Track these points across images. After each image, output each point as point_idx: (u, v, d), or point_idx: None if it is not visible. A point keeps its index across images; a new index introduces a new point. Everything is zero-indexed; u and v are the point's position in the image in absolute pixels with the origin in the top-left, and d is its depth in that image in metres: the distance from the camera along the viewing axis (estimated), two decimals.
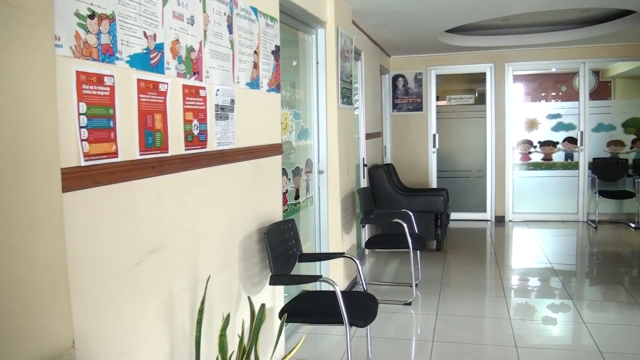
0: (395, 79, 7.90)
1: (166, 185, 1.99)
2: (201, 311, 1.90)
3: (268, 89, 2.99)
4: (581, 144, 7.44)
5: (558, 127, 7.56)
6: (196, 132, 2.20)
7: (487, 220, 7.75)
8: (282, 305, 2.99)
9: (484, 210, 7.80)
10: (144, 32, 1.84)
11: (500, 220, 7.67)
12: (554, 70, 8.29)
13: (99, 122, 1.62)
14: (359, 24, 5.44)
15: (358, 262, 3.24)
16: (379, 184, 6.09)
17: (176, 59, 2.04)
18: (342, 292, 2.63)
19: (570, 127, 7.51)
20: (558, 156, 7.59)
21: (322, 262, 4.19)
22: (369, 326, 2.93)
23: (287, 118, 3.70)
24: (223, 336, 1.91)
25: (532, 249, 6.15)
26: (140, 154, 1.83)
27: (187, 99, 2.13)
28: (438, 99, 8.02)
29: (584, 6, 5.26)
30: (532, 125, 7.64)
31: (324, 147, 4.30)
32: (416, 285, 4.55)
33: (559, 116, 7.55)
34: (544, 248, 6.12)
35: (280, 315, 2.76)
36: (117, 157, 1.70)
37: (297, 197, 3.88)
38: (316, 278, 2.82)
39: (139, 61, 1.81)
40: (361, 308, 2.82)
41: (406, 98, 7.90)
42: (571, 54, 7.29)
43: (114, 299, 1.70)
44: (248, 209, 2.75)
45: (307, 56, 4.20)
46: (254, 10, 2.78)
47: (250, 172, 2.77)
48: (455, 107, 8.09)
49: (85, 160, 1.56)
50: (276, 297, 3.11)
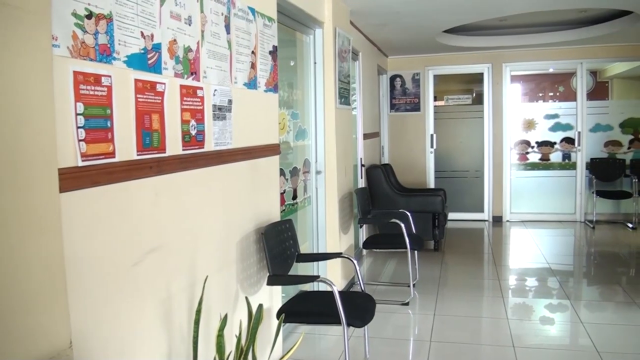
0: (392, 79, 7.91)
1: (164, 186, 1.99)
2: (199, 311, 1.89)
3: (266, 89, 2.99)
4: (579, 144, 7.46)
5: (555, 128, 7.57)
6: (194, 132, 2.19)
7: (484, 221, 7.76)
8: (280, 306, 2.99)
9: (481, 210, 7.81)
10: (142, 32, 1.84)
11: (497, 221, 7.68)
12: (551, 70, 8.31)
13: (97, 123, 1.62)
14: (356, 24, 5.45)
15: (356, 262, 3.24)
16: (377, 184, 6.10)
17: (174, 59, 2.04)
18: (340, 293, 2.63)
19: (567, 127, 7.53)
20: (555, 156, 7.60)
21: (320, 262, 4.19)
22: (366, 326, 2.93)
23: (284, 118, 3.70)
24: (220, 336, 1.91)
25: (530, 249, 6.16)
26: (138, 154, 1.82)
27: (185, 99, 2.12)
28: (436, 99, 8.03)
29: (583, 6, 5.27)
30: (529, 125, 7.65)
31: (321, 147, 4.30)
32: (414, 285, 4.55)
33: (556, 116, 7.56)
34: (541, 248, 6.13)
35: (278, 316, 2.76)
36: (114, 157, 1.70)
37: (294, 197, 3.88)
38: (314, 278, 2.82)
39: (136, 61, 1.81)
40: (359, 308, 2.82)
41: (404, 98, 7.90)
42: (569, 54, 7.30)
43: (112, 299, 1.70)
44: (246, 209, 2.75)
45: (305, 56, 4.20)
46: (252, 10, 2.78)
47: (248, 173, 2.77)
48: (453, 107, 8.10)
49: (83, 161, 1.56)
50: (274, 298, 3.11)
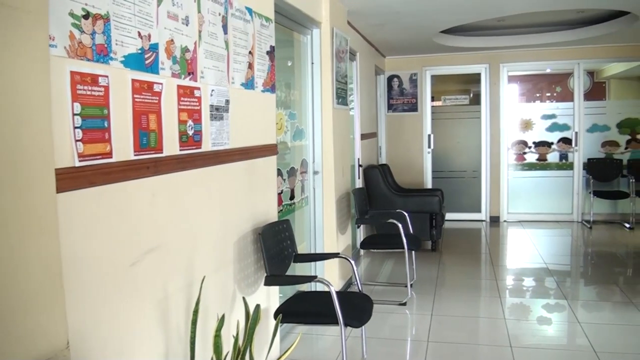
0: (390, 79, 7.91)
1: (161, 186, 1.98)
2: (196, 312, 1.89)
3: (263, 90, 2.99)
4: (576, 145, 7.47)
5: (553, 128, 7.59)
6: (191, 132, 2.19)
7: (482, 221, 7.77)
8: (277, 306, 2.99)
9: (478, 210, 7.82)
10: (139, 32, 1.83)
11: (495, 221, 7.69)
12: (548, 70, 8.32)
13: (94, 123, 1.62)
14: (354, 24, 5.45)
15: (353, 262, 3.24)
16: (374, 184, 6.10)
17: (171, 59, 2.04)
18: (337, 293, 2.63)
19: (565, 127, 7.54)
20: (553, 156, 7.62)
21: (317, 262, 4.19)
22: (364, 326, 2.94)
23: (282, 118, 3.70)
24: (218, 337, 1.91)
25: (527, 249, 6.17)
26: (135, 155, 1.82)
27: (182, 99, 2.12)
28: (433, 99, 8.03)
29: (581, 7, 5.28)
30: (526, 125, 7.66)
31: (319, 147, 4.30)
32: (411, 285, 4.55)
33: (553, 117, 7.57)
34: (538, 248, 6.14)
35: (275, 316, 2.76)
36: (111, 157, 1.70)
37: (292, 197, 3.88)
38: (311, 278, 2.82)
39: (133, 61, 1.80)
40: (356, 308, 2.82)
41: (401, 98, 7.91)
42: (566, 54, 7.32)
43: (110, 299, 1.70)
44: (243, 209, 2.75)
45: (302, 57, 4.20)
46: (249, 10, 2.78)
47: (245, 173, 2.77)
48: (450, 107, 8.11)
49: (80, 161, 1.56)
50: (271, 298, 3.10)
